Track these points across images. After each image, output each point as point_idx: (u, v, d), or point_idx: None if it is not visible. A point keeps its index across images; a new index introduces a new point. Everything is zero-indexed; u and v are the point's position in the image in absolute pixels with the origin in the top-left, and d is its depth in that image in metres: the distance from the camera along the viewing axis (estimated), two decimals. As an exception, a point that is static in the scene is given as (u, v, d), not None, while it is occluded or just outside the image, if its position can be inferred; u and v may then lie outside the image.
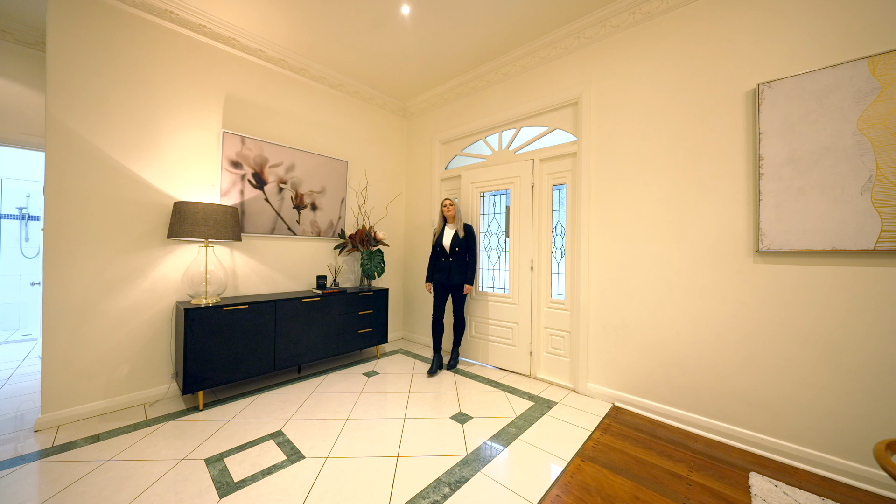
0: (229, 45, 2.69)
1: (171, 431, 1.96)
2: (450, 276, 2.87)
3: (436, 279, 2.96)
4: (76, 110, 2.08)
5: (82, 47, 2.10)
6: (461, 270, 2.87)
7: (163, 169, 2.39)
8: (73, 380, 2.07)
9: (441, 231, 2.97)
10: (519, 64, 2.94)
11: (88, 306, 2.12)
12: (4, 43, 2.63)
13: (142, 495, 1.45)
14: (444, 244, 2.91)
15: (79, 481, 1.53)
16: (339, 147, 3.45)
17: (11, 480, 1.54)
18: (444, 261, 2.92)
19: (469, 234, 2.91)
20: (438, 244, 2.95)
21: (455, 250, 2.87)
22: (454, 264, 2.87)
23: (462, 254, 2.88)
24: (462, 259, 2.88)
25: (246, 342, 2.42)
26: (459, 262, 2.87)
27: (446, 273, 2.89)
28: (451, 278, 2.87)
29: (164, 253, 2.39)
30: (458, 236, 2.87)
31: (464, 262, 2.89)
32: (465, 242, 2.88)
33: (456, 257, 2.87)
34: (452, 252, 2.87)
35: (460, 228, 2.90)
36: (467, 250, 2.89)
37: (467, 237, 2.89)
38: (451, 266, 2.88)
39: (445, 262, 2.91)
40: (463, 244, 2.87)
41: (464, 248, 2.88)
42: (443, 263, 2.92)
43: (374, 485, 1.54)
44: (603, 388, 2.45)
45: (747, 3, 1.93)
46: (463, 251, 2.88)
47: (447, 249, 2.89)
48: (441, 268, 2.93)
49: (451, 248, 2.87)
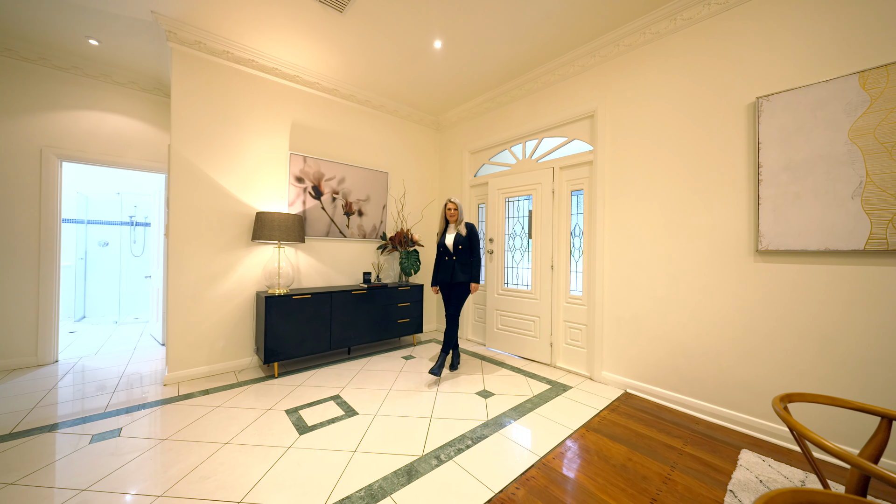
0: (294, 82, 3.27)
1: (257, 391, 2.53)
2: (453, 274, 2.87)
3: (440, 280, 2.98)
4: (189, 143, 2.73)
5: (193, 94, 2.75)
6: (465, 269, 2.88)
7: (246, 185, 3.01)
8: (187, 349, 2.73)
9: (444, 232, 3.01)
10: (540, 81, 3.23)
11: (197, 294, 2.77)
12: (133, 90, 3.41)
13: (247, 429, 1.99)
14: (448, 244, 2.93)
15: (201, 418, 2.11)
16: (381, 160, 3.95)
17: (157, 415, 2.15)
18: (447, 260, 2.94)
19: (471, 233, 2.91)
20: (441, 245, 2.98)
21: (458, 248, 2.89)
22: (457, 263, 2.88)
23: (465, 252, 2.90)
24: (465, 258, 2.90)
25: (308, 325, 2.96)
26: (463, 261, 2.89)
27: (450, 272, 2.89)
28: (454, 277, 2.87)
29: (248, 252, 3.01)
30: (461, 235, 2.89)
31: (467, 260, 2.90)
32: (468, 241, 2.89)
33: (459, 255, 2.89)
34: (456, 251, 2.90)
35: (462, 228, 2.91)
36: (470, 249, 2.90)
37: (470, 236, 2.90)
38: (454, 265, 2.89)
39: (449, 261, 2.93)
40: (466, 242, 2.88)
41: (467, 247, 2.89)
42: (446, 263, 2.94)
43: (413, 435, 1.95)
44: (616, 376, 2.69)
45: (748, 24, 2.09)
46: (466, 249, 2.89)
47: (450, 249, 2.91)
48: (445, 267, 2.94)
49: (455, 247, 2.89)
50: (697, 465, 1.73)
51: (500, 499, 1.47)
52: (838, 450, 0.78)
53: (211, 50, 2.78)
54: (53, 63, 3.02)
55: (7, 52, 2.85)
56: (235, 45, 2.84)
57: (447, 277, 2.91)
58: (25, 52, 2.90)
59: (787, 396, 1.07)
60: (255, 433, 1.95)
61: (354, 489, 1.50)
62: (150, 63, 3.15)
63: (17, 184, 2.92)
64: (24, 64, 2.93)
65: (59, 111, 3.08)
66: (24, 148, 2.95)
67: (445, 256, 2.97)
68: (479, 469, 1.66)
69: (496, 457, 1.76)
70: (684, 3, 2.30)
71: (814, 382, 1.86)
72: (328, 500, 1.44)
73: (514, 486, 1.54)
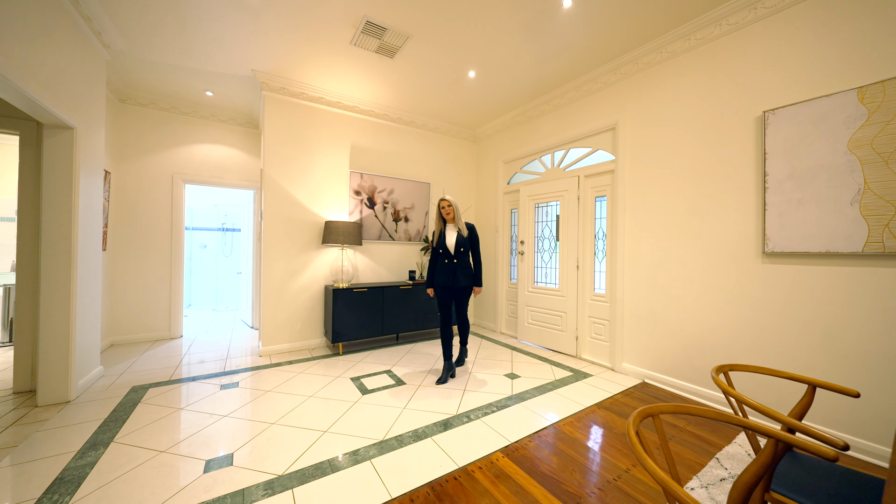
0: (352, 112, 3.92)
1: (326, 364, 3.18)
2: (454, 278, 2.73)
3: (438, 283, 2.80)
4: (275, 167, 3.48)
5: (278, 129, 3.50)
6: (466, 272, 2.76)
7: (316, 198, 3.71)
8: (275, 329, 3.48)
9: (442, 232, 2.82)
10: (566, 97, 3.54)
11: (281, 286, 3.51)
12: (231, 125, 4.31)
13: (323, 388, 2.61)
14: (448, 245, 2.76)
15: (290, 379, 2.78)
16: (424, 172, 4.49)
17: (259, 376, 2.87)
18: (447, 262, 2.78)
19: (473, 233, 2.80)
20: (441, 246, 2.79)
21: (460, 251, 2.74)
22: (459, 266, 2.75)
23: (466, 254, 2.77)
24: (466, 260, 2.78)
25: (365, 314, 3.58)
26: (464, 264, 2.76)
27: (450, 275, 2.74)
28: (455, 281, 2.73)
29: (318, 254, 3.71)
30: (462, 236, 2.74)
31: (468, 263, 2.79)
32: (470, 242, 2.77)
33: (461, 258, 2.75)
34: (457, 253, 2.74)
35: (463, 228, 2.76)
36: (471, 250, 2.81)
37: (471, 236, 2.78)
38: (455, 268, 2.74)
39: (449, 263, 2.77)
40: (467, 244, 2.76)
41: (468, 248, 2.77)
42: (446, 265, 2.77)
43: (448, 401, 2.43)
44: (635, 367, 2.93)
45: (756, 43, 2.26)
46: (467, 251, 2.78)
47: (451, 251, 2.75)
48: (444, 270, 2.77)
49: (456, 249, 2.74)
50: (694, 439, 1.99)
51: (515, 446, 1.88)
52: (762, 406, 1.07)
53: (291, 93, 3.51)
54: (180, 110, 3.98)
55: (150, 105, 3.84)
56: (308, 87, 3.54)
57: (448, 281, 2.75)
58: (162, 104, 3.88)
59: (724, 366, 1.35)
60: (329, 392, 2.56)
61: (404, 430, 2.02)
62: (245, 104, 4.00)
63: (157, 202, 3.92)
64: (160, 112, 3.92)
65: (183, 146, 4.04)
66: (161, 175, 3.93)
67: (445, 259, 2.80)
68: (500, 426, 2.09)
69: (515, 420, 2.17)
70: (697, 24, 2.50)
71: (816, 374, 2.00)
72: (386, 434, 1.97)
73: (527, 439, 1.95)
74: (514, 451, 1.84)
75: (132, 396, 2.43)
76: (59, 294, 2.28)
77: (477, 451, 1.82)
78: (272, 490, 1.52)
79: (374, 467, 1.68)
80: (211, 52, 2.97)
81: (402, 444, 1.88)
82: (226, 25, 2.62)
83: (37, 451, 1.77)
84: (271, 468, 1.67)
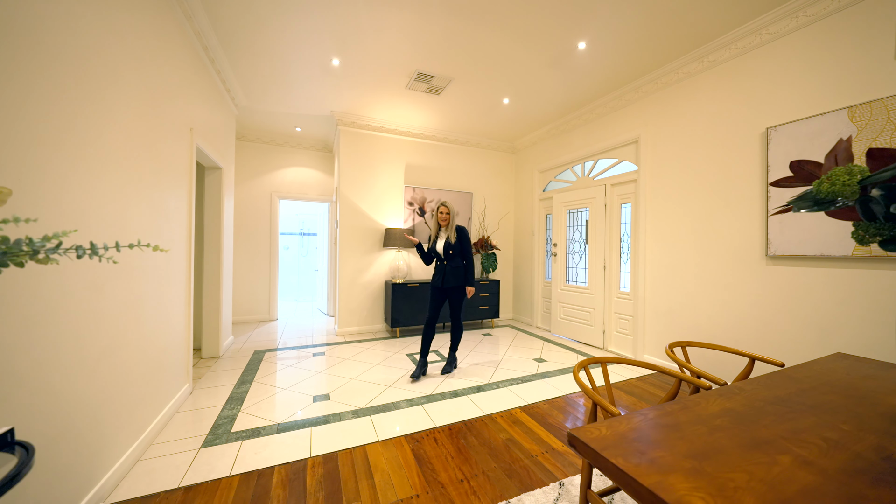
0: (406, 136, 4.68)
1: (387, 344, 3.95)
2: (444, 279, 2.90)
3: (431, 284, 3.01)
4: (347, 185, 4.36)
5: (349, 154, 4.37)
6: (456, 273, 2.90)
7: (377, 209, 4.53)
8: (347, 315, 4.37)
9: (436, 236, 3.02)
10: (594, 112, 3.90)
11: (351, 281, 4.39)
12: (311, 150, 5.36)
13: (385, 360, 3.37)
14: (439, 249, 2.95)
15: (361, 353, 3.59)
16: (467, 183, 5.11)
17: (338, 349, 3.73)
18: (439, 264, 2.97)
19: (461, 236, 2.91)
20: (433, 250, 2.99)
21: (449, 253, 2.89)
22: (449, 267, 2.90)
23: (456, 256, 2.91)
24: (457, 262, 2.92)
25: (417, 305, 4.30)
26: (454, 265, 2.90)
27: (441, 277, 2.92)
28: (446, 281, 2.90)
29: (379, 255, 4.53)
30: (450, 241, 2.89)
31: (459, 264, 2.92)
32: (459, 245, 2.90)
33: (451, 260, 2.91)
34: (447, 255, 2.91)
35: (452, 233, 2.90)
36: (461, 252, 2.92)
37: (460, 239, 2.91)
38: (445, 269, 2.90)
39: (440, 265, 2.96)
40: (456, 247, 2.89)
41: (457, 251, 2.91)
42: (438, 267, 2.97)
43: (482, 374, 3.01)
44: (655, 359, 3.23)
45: (761, 66, 2.49)
46: (457, 254, 2.91)
47: (441, 253, 2.93)
48: (436, 272, 2.97)
49: (445, 252, 2.90)
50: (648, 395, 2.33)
51: (531, 406, 2.42)
52: (695, 368, 1.49)
53: (359, 126, 4.37)
54: (276, 142, 5.10)
55: (256, 140, 5.00)
56: (372, 119, 4.37)
57: (438, 282, 2.95)
58: (263, 139, 5.02)
59: (676, 343, 1.73)
60: (391, 362, 3.30)
61: (447, 390, 2.66)
62: (323, 134, 4.98)
63: (260, 215, 5.07)
64: (262, 145, 5.06)
65: (278, 169, 5.16)
66: (262, 194, 5.08)
67: (437, 261, 3.02)
68: (522, 393, 2.63)
69: (536, 390, 2.69)
70: (710, 48, 2.77)
71: (814, 366, 2.22)
72: (434, 391, 2.63)
73: (542, 403, 2.47)
74: (530, 409, 2.37)
75: (256, 356, 3.42)
76: (213, 284, 3.33)
77: (500, 406, 2.40)
78: (357, 416, 2.25)
79: (424, 410, 2.34)
80: (302, 101, 3.91)
81: (444, 398, 2.52)
82: (315, 83, 3.50)
83: (214, 381, 2.75)
84: (355, 404, 2.42)
